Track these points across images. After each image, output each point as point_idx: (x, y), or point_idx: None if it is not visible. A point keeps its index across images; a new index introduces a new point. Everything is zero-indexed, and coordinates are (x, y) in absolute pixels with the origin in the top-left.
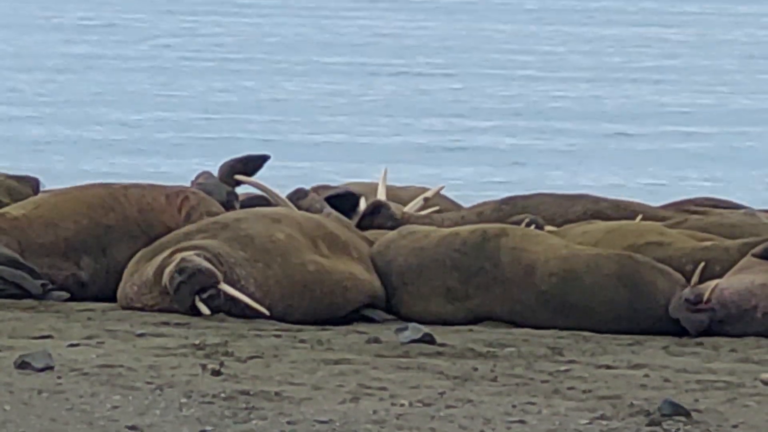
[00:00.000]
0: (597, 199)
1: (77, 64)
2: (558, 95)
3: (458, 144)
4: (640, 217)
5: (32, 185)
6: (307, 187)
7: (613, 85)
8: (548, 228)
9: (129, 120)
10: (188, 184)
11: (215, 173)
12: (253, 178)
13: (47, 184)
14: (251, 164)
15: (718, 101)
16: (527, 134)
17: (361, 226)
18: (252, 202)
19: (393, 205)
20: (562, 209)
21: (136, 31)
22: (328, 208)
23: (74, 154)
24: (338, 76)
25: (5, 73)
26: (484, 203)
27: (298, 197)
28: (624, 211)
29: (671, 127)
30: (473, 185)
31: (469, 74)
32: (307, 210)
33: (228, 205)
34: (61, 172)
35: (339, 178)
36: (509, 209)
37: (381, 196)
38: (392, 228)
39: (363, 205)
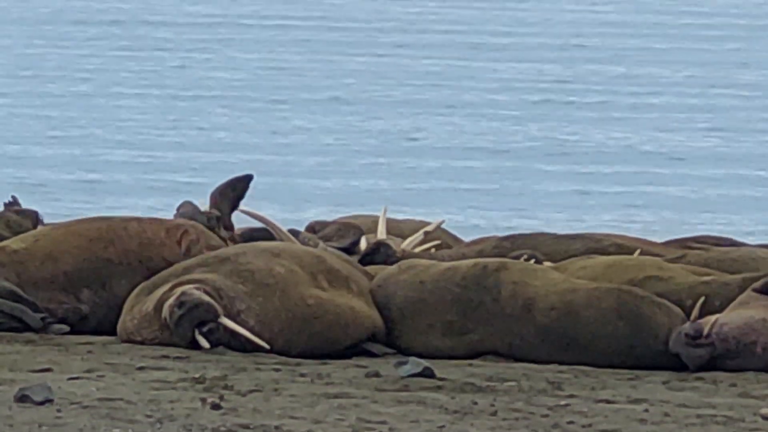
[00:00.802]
0: (598, 237)
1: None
2: None
3: None
4: (638, 251)
5: (32, 218)
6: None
7: None
8: (547, 264)
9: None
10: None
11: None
12: (255, 211)
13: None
14: (240, 186)
15: None
16: None
17: (362, 263)
18: (253, 235)
19: (393, 243)
20: (562, 247)
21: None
22: (322, 244)
23: None
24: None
25: None
26: (484, 239)
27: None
28: (627, 249)
29: None
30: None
31: None
32: None
33: (212, 230)
34: None
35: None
36: (509, 246)
37: (381, 234)
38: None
39: (364, 244)
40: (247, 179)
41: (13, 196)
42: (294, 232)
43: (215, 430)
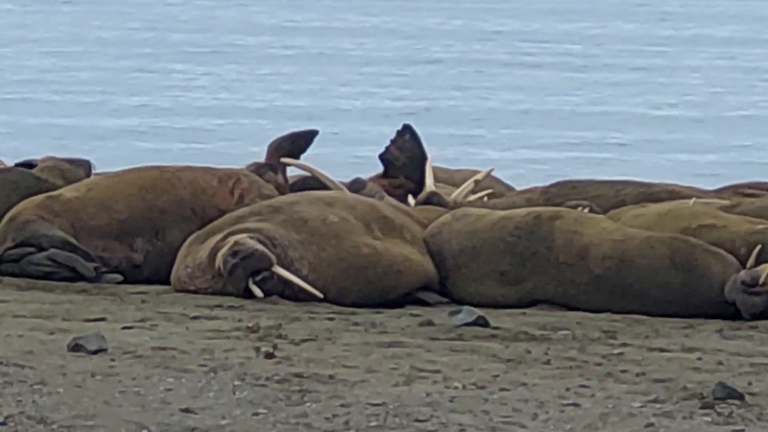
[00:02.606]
0: (648, 183)
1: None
2: None
3: None
4: (693, 200)
5: (85, 167)
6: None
7: None
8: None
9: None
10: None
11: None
12: (302, 161)
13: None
14: (300, 142)
15: None
16: None
17: None
18: (304, 184)
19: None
20: (612, 191)
21: None
22: (385, 196)
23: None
24: None
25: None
26: (533, 188)
27: (356, 188)
28: (676, 194)
29: None
30: None
31: None
32: None
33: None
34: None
35: None
36: (556, 191)
37: (430, 185)
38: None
39: (411, 200)
40: (311, 134)
41: None
42: (360, 182)
43: (269, 379)
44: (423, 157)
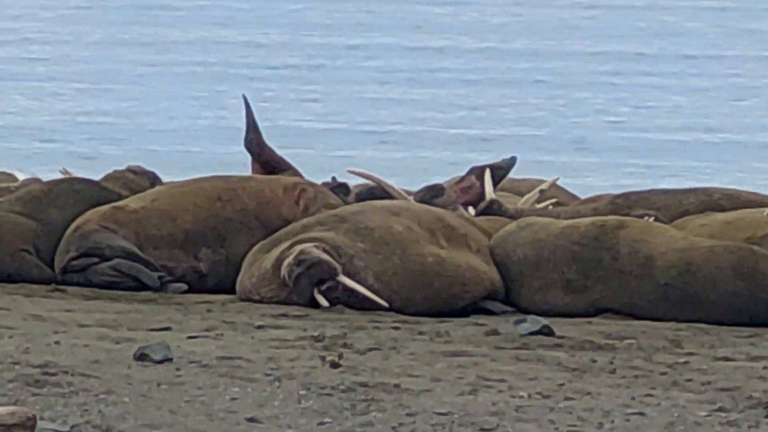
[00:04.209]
0: (710, 191)
1: None
2: None
3: None
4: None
5: (149, 178)
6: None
7: None
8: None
9: None
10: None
11: None
12: (367, 171)
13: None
14: (501, 170)
15: None
16: None
17: None
18: (369, 194)
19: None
20: (675, 201)
21: None
22: (459, 207)
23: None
24: None
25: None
26: (599, 196)
27: (432, 195)
28: (737, 200)
29: None
30: None
31: None
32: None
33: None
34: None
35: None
36: (623, 203)
37: (489, 193)
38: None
39: (471, 209)
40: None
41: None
42: (437, 188)
43: (334, 388)
44: (483, 166)
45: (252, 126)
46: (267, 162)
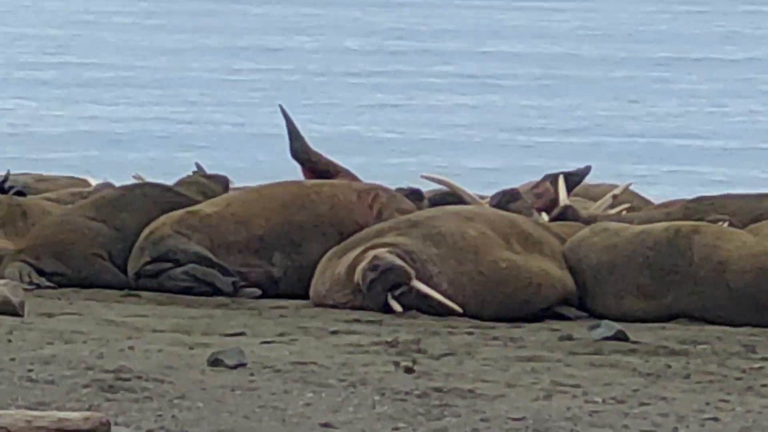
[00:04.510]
0: None
1: None
2: None
3: None
4: None
5: (222, 183)
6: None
7: None
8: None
9: None
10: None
11: None
12: (441, 176)
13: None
14: (576, 177)
15: None
16: None
17: None
18: (442, 199)
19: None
20: (749, 206)
21: None
22: (534, 213)
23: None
24: None
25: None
26: (672, 202)
27: (507, 200)
28: None
29: None
30: None
31: None
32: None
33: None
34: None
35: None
36: (696, 207)
37: (563, 200)
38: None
39: (544, 215)
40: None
41: (196, 163)
42: (514, 193)
43: (408, 393)
44: (557, 173)
45: (294, 135)
46: (316, 168)
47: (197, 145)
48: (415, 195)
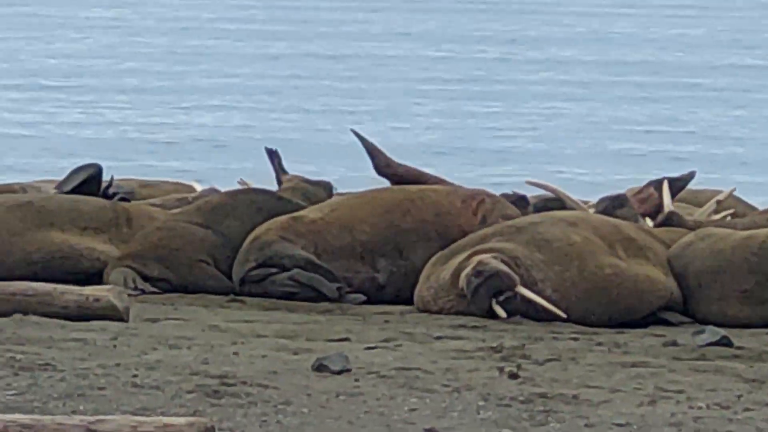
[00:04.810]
0: None
1: None
2: None
3: None
4: None
5: (325, 188)
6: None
7: None
8: None
9: None
10: None
11: None
12: (546, 182)
13: None
14: (680, 183)
15: None
16: None
17: None
18: (546, 204)
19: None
20: None
21: None
22: (640, 219)
23: None
24: None
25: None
26: None
27: (614, 206)
28: None
29: None
30: None
31: None
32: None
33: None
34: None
35: None
36: None
37: (668, 205)
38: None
39: (648, 220)
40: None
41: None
42: (621, 199)
43: (513, 399)
44: (660, 179)
45: (373, 151)
46: (404, 180)
47: (303, 152)
48: (520, 201)
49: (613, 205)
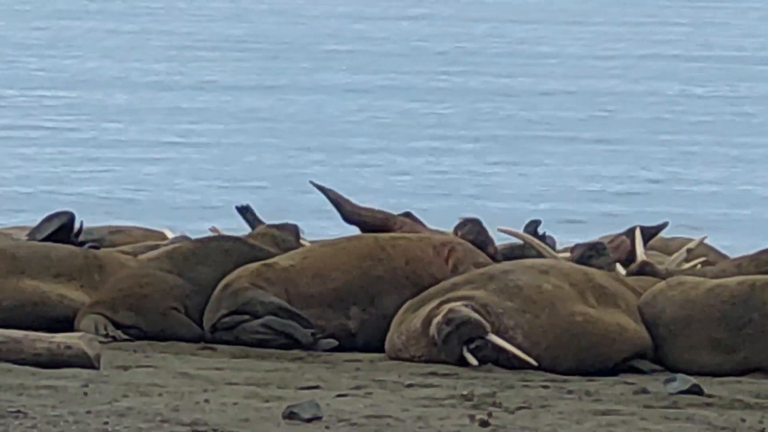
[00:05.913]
0: None
1: None
2: None
3: None
4: None
5: (293, 231)
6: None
7: None
8: None
9: None
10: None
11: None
12: (516, 230)
13: None
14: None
15: None
16: None
17: None
18: (514, 252)
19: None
20: None
21: None
22: (616, 268)
23: None
24: None
25: None
26: (743, 256)
27: (592, 254)
28: None
29: None
30: None
31: None
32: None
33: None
34: None
35: None
36: (766, 258)
37: (641, 255)
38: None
39: (620, 268)
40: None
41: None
42: (600, 247)
43: None
44: (632, 227)
45: (338, 202)
46: (371, 225)
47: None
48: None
49: (588, 254)
